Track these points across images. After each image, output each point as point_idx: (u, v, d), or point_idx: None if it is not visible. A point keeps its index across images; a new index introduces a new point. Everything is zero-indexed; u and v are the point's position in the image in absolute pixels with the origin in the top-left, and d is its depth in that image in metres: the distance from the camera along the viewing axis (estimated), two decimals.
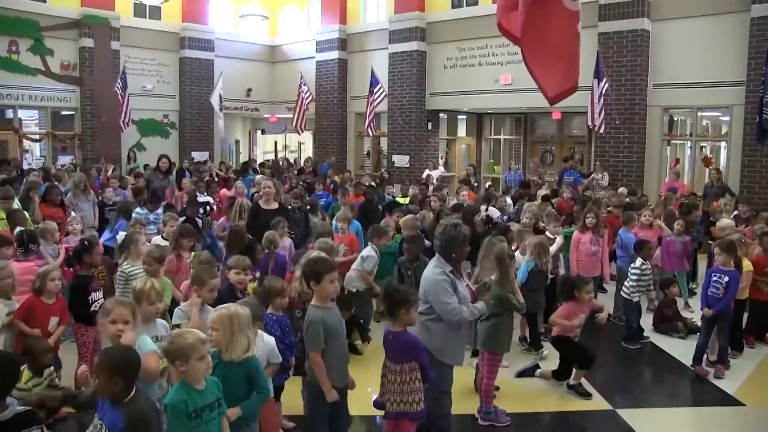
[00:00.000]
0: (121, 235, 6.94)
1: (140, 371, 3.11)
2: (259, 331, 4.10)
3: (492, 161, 19.83)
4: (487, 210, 9.58)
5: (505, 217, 9.70)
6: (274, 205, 8.29)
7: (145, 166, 15.48)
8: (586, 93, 12.36)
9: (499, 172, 18.80)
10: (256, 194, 9.00)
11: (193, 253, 5.91)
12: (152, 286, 4.18)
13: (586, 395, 5.88)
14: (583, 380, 6.00)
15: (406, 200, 11.49)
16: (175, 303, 5.31)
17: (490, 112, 18.80)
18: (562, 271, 7.63)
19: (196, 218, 8.87)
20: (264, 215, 7.91)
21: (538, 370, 6.33)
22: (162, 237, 7.28)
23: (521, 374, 6.30)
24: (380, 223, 7.92)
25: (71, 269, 6.41)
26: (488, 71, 16.29)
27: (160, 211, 9.23)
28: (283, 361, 4.33)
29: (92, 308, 5.29)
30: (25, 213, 7.92)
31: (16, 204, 8.26)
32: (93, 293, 5.36)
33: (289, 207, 8.93)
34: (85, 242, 5.76)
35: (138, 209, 8.99)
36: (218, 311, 3.66)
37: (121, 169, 16.35)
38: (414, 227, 7.54)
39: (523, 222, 8.36)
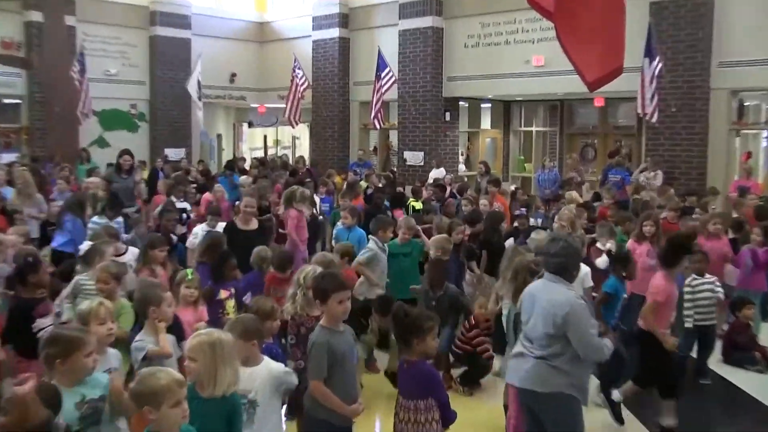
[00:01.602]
0: (85, 245, 6.83)
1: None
2: (265, 357, 4.09)
3: (522, 158, 19.83)
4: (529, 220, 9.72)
5: (538, 221, 9.97)
6: (253, 225, 8.39)
7: (109, 165, 15.38)
8: (635, 75, 12.25)
9: (531, 171, 18.81)
10: (239, 204, 9.01)
11: (188, 270, 5.79)
12: (101, 303, 4.23)
13: (619, 421, 5.87)
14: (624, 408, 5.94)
15: (419, 204, 11.58)
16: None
17: (520, 99, 18.75)
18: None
19: (171, 231, 8.90)
20: (241, 237, 7.96)
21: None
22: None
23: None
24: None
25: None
26: (517, 51, 16.22)
27: (120, 219, 9.25)
28: None
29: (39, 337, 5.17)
30: None
31: None
32: (39, 319, 5.32)
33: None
34: (29, 259, 5.71)
35: (95, 218, 8.92)
36: (197, 338, 3.62)
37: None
38: (446, 250, 7.43)
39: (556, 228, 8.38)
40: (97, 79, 18.56)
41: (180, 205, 10.70)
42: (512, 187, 14.54)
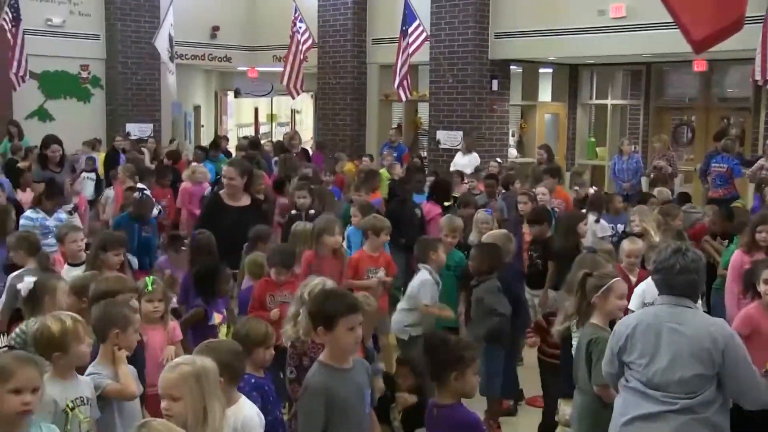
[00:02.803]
0: (26, 283, 5.94)
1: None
2: (241, 397, 4.29)
3: (593, 139, 19.85)
4: (597, 221, 9.92)
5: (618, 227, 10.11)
6: (245, 200, 8.65)
7: (29, 151, 14.99)
8: (752, 28, 11.86)
9: (605, 157, 18.81)
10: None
11: (149, 279, 5.91)
12: (76, 320, 4.42)
13: None
14: None
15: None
16: None
17: (592, 62, 18.76)
18: None
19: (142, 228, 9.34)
20: (227, 215, 8.37)
21: None
22: (68, 264, 7.53)
23: None
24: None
25: None
26: None
27: (63, 215, 9.47)
28: None
29: None
30: None
31: None
32: None
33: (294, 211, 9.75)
34: None
35: (29, 212, 9.25)
36: (177, 369, 3.75)
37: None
38: (507, 251, 7.64)
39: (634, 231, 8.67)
40: (37, 31, 18.51)
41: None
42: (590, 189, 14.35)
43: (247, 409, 4.25)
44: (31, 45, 17.14)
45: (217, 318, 6.31)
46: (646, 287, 6.62)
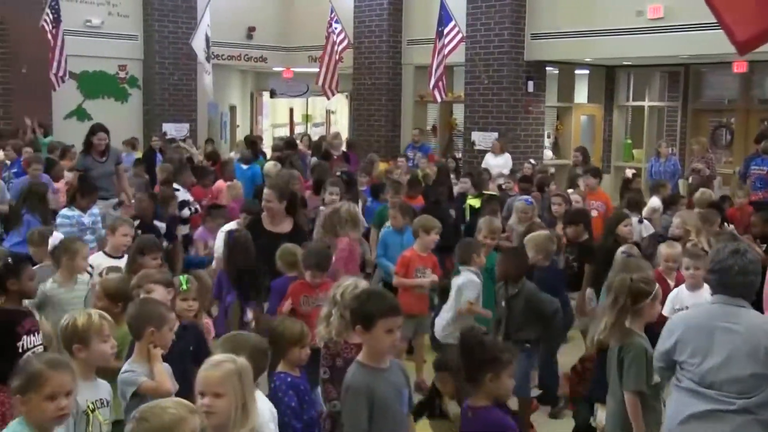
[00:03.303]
0: (55, 237, 7.05)
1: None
2: (258, 392, 4.25)
3: (629, 141, 19.73)
4: (641, 221, 9.86)
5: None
6: (286, 226, 8.16)
7: (66, 150, 15.02)
8: None
9: (641, 159, 18.71)
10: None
11: (183, 278, 5.92)
12: (102, 316, 4.49)
13: None
14: None
15: (477, 202, 11.69)
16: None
17: (629, 63, 18.66)
18: None
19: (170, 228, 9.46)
20: (261, 240, 7.74)
21: None
22: (104, 252, 7.59)
23: None
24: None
25: None
26: None
27: (96, 210, 9.41)
28: None
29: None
30: None
31: None
32: (26, 336, 5.46)
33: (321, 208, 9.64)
34: (9, 261, 5.90)
35: (65, 210, 9.19)
36: (218, 367, 3.78)
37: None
38: (549, 252, 7.76)
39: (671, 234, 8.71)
40: (76, 32, 18.65)
41: (183, 196, 11.00)
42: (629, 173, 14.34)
43: (259, 402, 4.20)
44: (70, 45, 17.24)
45: (251, 315, 6.32)
46: (677, 293, 6.63)
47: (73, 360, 4.25)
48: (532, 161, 15.83)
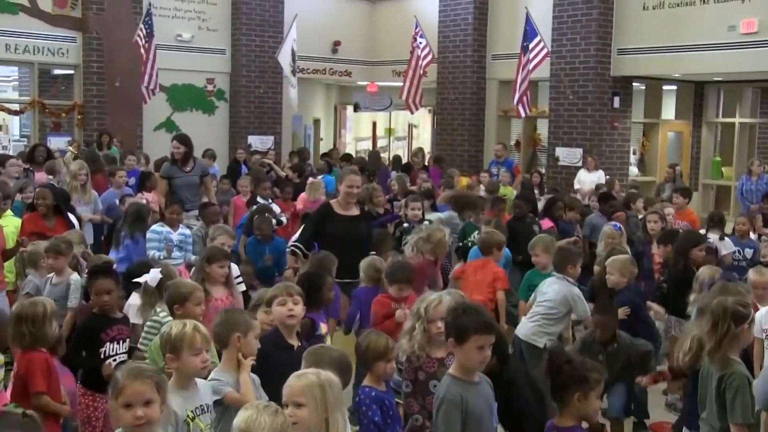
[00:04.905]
0: (153, 274, 6.57)
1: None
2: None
3: (718, 159, 19.48)
4: (722, 239, 9.76)
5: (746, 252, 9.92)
6: (354, 210, 8.74)
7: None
8: None
9: (731, 177, 18.46)
10: None
11: (268, 290, 6.00)
12: (195, 328, 4.51)
13: None
14: None
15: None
16: None
17: (719, 79, 18.36)
18: None
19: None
20: (335, 222, 8.50)
21: None
22: None
23: None
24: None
25: None
26: (717, 12, 15.74)
27: (188, 231, 9.35)
28: None
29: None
30: None
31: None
32: (109, 344, 5.65)
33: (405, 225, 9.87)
34: (98, 266, 6.09)
35: (156, 226, 9.19)
36: (301, 378, 3.83)
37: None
38: (632, 275, 7.64)
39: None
40: (167, 46, 18.92)
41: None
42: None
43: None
44: (161, 59, 17.54)
45: (324, 328, 6.21)
46: (764, 315, 6.50)
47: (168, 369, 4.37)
48: (608, 177, 15.71)
